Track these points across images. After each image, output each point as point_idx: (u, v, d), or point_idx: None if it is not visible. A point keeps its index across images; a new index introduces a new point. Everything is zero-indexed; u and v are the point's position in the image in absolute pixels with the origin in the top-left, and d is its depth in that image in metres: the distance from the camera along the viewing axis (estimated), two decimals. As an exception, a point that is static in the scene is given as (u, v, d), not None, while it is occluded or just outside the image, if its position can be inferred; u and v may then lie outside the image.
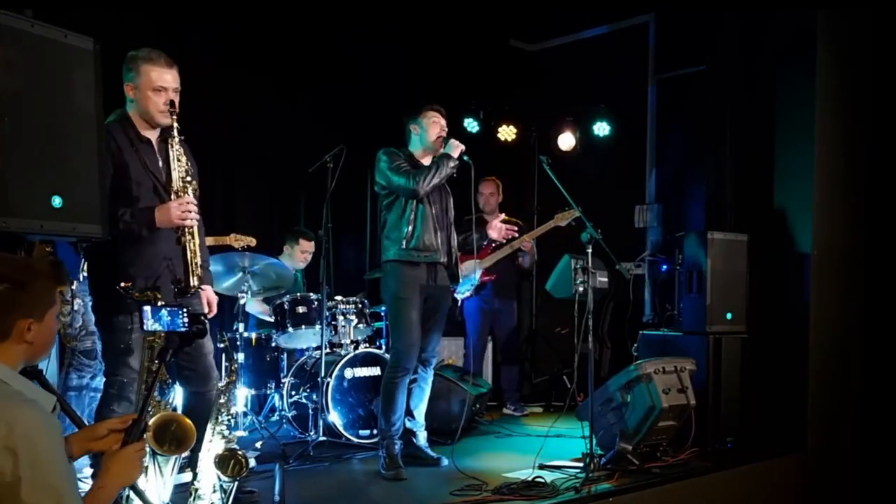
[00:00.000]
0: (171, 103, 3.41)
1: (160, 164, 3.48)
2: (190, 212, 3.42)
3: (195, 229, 3.51)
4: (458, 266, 4.70)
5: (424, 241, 4.43)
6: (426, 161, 4.56)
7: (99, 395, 4.35)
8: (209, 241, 5.05)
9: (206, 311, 3.57)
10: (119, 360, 3.33)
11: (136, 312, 3.15)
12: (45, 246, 4.14)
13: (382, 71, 6.74)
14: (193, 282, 3.49)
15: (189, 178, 3.49)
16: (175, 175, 3.46)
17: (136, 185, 3.40)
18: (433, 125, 4.55)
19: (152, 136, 3.49)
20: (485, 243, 5.67)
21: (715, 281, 4.96)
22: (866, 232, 5.47)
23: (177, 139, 3.47)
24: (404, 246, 4.41)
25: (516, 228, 5.03)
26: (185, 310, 2.96)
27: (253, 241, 5.39)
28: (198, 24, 5.80)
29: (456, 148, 4.48)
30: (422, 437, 4.63)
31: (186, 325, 2.95)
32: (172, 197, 3.44)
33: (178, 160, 3.48)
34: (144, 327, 2.98)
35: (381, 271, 4.59)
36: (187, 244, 3.48)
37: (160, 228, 3.39)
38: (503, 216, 5.26)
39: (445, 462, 4.49)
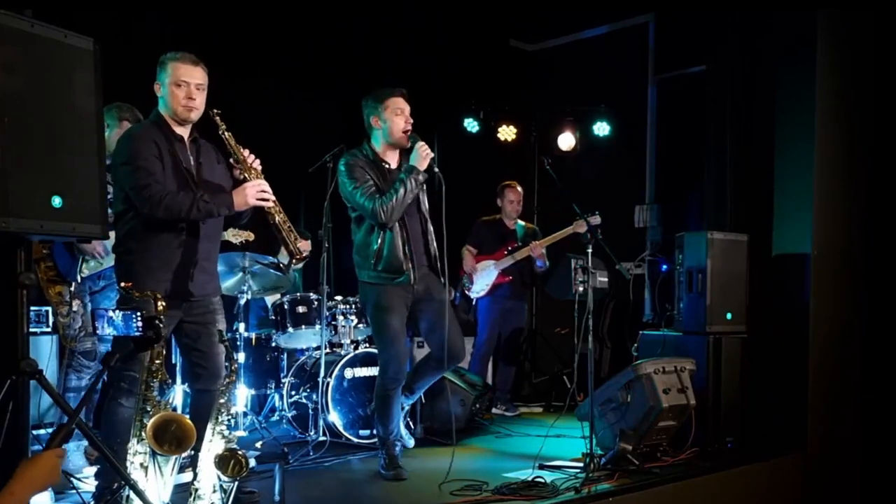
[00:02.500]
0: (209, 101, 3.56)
1: (192, 161, 3.58)
2: (265, 191, 3.55)
3: (275, 205, 3.63)
4: (441, 264, 4.31)
5: (393, 263, 4.14)
6: (390, 158, 4.25)
7: (97, 397, 4.37)
8: None
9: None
10: (135, 354, 3.33)
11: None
12: (42, 247, 4.16)
13: (382, 71, 6.73)
14: (302, 249, 3.69)
15: (249, 162, 3.60)
16: (247, 162, 3.60)
17: (169, 182, 3.48)
18: (396, 118, 4.13)
19: (184, 133, 3.58)
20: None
21: (715, 281, 4.96)
22: (866, 232, 5.47)
23: (227, 134, 3.60)
24: (372, 268, 4.17)
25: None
26: (139, 313, 2.96)
27: (251, 236, 5.38)
28: (198, 25, 5.79)
29: (424, 158, 4.05)
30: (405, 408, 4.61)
31: (140, 329, 2.94)
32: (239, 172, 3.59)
33: (232, 146, 3.60)
34: (98, 332, 2.98)
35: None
36: (276, 218, 3.62)
37: (238, 210, 3.54)
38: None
39: (411, 444, 4.51)
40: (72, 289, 4.20)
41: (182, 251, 3.50)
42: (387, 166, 4.26)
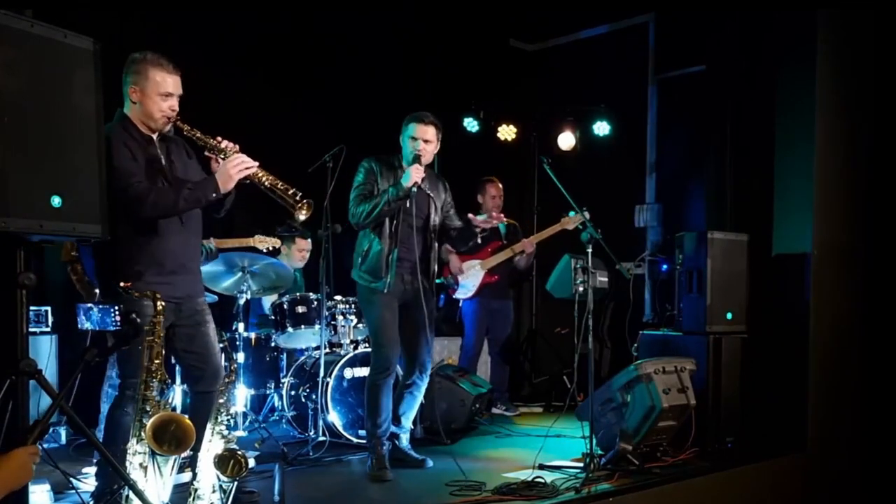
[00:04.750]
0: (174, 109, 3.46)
1: (163, 160, 3.52)
2: (244, 162, 3.43)
3: (260, 170, 3.51)
4: (433, 274, 4.54)
5: (373, 267, 4.36)
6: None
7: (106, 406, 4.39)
8: (232, 242, 5.11)
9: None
10: (139, 361, 3.31)
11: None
12: (71, 248, 4.20)
13: (383, 70, 6.74)
14: (302, 213, 3.53)
15: (223, 146, 3.49)
16: (218, 144, 3.50)
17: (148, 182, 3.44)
18: (410, 141, 4.39)
19: (153, 134, 3.52)
20: (479, 241, 5.67)
21: (715, 281, 4.96)
22: (866, 232, 5.47)
23: (193, 131, 3.50)
24: (358, 267, 4.44)
25: (503, 217, 4.94)
26: (116, 308, 2.94)
27: (277, 243, 5.45)
28: (198, 24, 5.79)
29: (412, 180, 4.24)
30: (405, 440, 4.62)
31: (117, 323, 2.92)
32: (214, 165, 3.51)
33: (200, 138, 3.50)
34: (79, 326, 2.97)
35: None
36: (265, 182, 3.50)
37: (225, 191, 3.45)
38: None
39: (430, 464, 4.50)
40: (96, 290, 4.22)
41: (165, 253, 3.45)
42: None
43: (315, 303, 5.34)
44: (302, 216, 3.57)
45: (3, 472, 2.17)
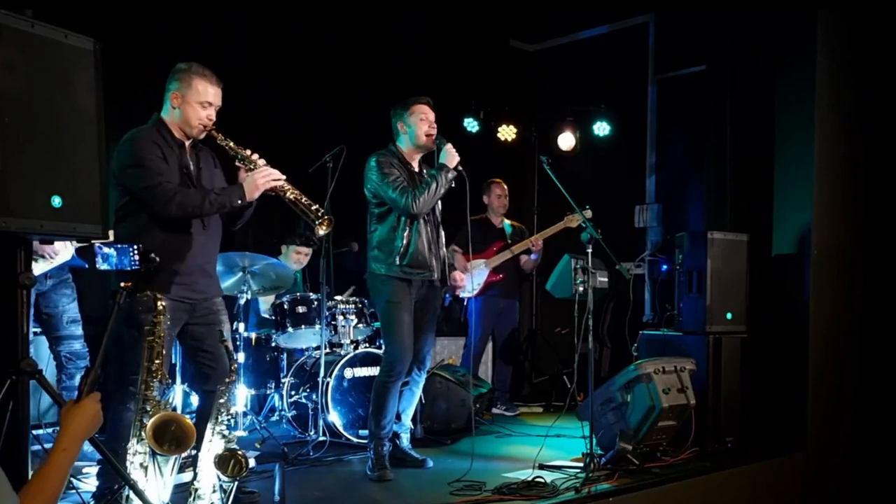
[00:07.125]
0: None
1: (192, 166, 3.60)
2: (272, 173, 3.57)
3: (286, 183, 3.64)
4: (447, 269, 4.53)
5: (418, 259, 4.29)
6: (416, 160, 4.45)
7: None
8: None
9: None
10: (140, 358, 3.30)
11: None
12: None
13: (383, 70, 6.74)
14: (322, 228, 3.67)
15: (254, 157, 3.61)
16: (250, 156, 3.62)
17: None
18: (421, 123, 4.35)
19: (186, 141, 3.61)
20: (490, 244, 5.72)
21: (715, 281, 4.96)
22: (866, 232, 5.47)
23: (226, 140, 3.62)
24: (397, 262, 4.27)
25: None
26: (135, 247, 2.96)
27: None
28: (198, 24, 5.80)
29: (452, 157, 4.26)
30: (405, 440, 4.61)
31: (136, 263, 2.93)
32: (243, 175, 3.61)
33: (232, 148, 3.61)
34: (97, 266, 2.98)
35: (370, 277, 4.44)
36: (288, 195, 3.63)
37: (251, 200, 3.57)
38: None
39: (430, 464, 4.50)
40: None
41: (184, 254, 3.52)
42: (411, 167, 4.43)
43: (315, 303, 5.35)
44: (322, 231, 3.69)
45: (83, 420, 2.16)
